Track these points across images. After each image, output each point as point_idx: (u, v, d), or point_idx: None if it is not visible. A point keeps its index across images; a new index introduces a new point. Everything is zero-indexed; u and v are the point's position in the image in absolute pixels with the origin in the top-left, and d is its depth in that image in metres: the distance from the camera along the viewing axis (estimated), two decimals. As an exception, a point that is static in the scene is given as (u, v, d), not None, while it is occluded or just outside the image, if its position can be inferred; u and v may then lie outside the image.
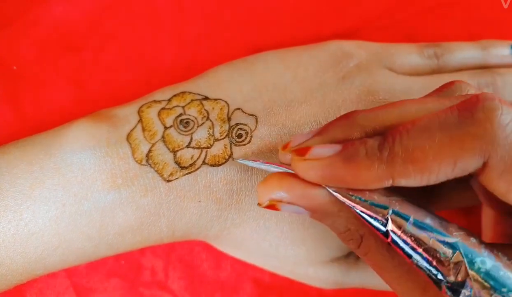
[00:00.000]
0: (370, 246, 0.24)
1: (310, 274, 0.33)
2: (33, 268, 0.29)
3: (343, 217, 0.24)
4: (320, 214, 0.25)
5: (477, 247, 0.21)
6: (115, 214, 0.29)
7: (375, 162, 0.22)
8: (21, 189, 0.28)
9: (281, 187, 0.25)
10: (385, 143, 0.22)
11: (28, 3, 0.36)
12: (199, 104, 0.31)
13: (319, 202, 0.24)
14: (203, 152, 0.30)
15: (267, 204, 0.25)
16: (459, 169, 0.22)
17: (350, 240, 0.25)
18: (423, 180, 0.22)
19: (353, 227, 0.24)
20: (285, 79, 0.32)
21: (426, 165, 0.22)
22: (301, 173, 0.24)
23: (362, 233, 0.24)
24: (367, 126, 0.24)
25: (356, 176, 0.23)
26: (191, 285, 0.36)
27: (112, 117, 0.30)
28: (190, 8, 0.38)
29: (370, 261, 0.25)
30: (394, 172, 0.22)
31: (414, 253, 0.22)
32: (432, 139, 0.22)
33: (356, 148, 0.23)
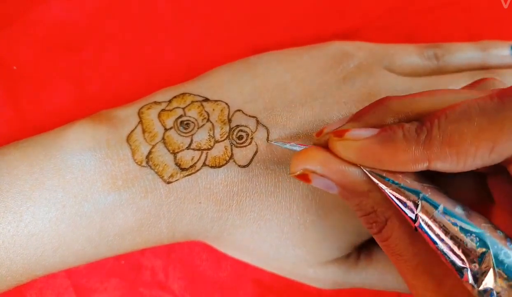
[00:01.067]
0: (393, 230, 0.24)
1: (310, 274, 0.33)
2: (33, 269, 0.29)
3: (372, 197, 0.24)
4: (349, 192, 0.25)
5: (503, 240, 0.21)
6: (115, 215, 0.29)
7: (412, 144, 0.22)
8: (21, 190, 0.28)
9: (318, 159, 0.25)
10: (423, 127, 0.23)
11: (28, 3, 0.36)
12: (200, 105, 0.31)
13: (352, 179, 0.24)
14: (204, 153, 0.30)
15: (300, 173, 0.25)
16: (496, 153, 0.21)
17: (373, 222, 0.25)
18: (459, 163, 0.22)
19: (380, 209, 0.24)
20: (286, 80, 0.32)
21: (463, 148, 0.21)
22: (339, 152, 0.24)
23: (387, 216, 0.24)
24: (401, 113, 0.24)
25: (392, 157, 0.23)
26: (191, 285, 0.36)
27: (112, 119, 0.30)
28: (190, 8, 0.38)
29: (389, 248, 0.25)
30: (431, 154, 0.22)
31: (440, 240, 0.22)
32: (471, 123, 0.22)
33: (394, 130, 0.23)
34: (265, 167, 0.30)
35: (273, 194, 0.30)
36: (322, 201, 0.31)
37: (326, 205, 0.31)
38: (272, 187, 0.30)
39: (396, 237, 0.24)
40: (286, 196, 0.30)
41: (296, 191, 0.30)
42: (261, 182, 0.30)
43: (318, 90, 0.32)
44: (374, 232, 0.25)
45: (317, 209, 0.31)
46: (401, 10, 0.41)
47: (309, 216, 0.31)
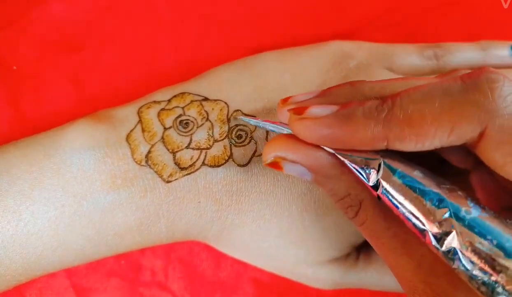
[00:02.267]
0: (368, 213, 0.24)
1: (310, 274, 0.33)
2: (33, 268, 0.29)
3: (344, 181, 0.24)
4: (321, 176, 0.25)
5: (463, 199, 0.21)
6: (114, 215, 0.29)
7: (372, 122, 0.22)
8: (20, 189, 0.28)
9: (287, 146, 0.25)
10: (383, 105, 0.22)
11: (28, 3, 0.36)
12: (199, 105, 0.31)
13: (321, 163, 0.24)
14: (203, 152, 0.30)
15: (271, 161, 0.26)
16: (455, 135, 0.21)
17: (348, 207, 0.25)
18: (418, 144, 0.22)
19: (353, 191, 0.24)
20: (285, 80, 0.32)
21: (422, 129, 0.21)
22: (298, 132, 0.24)
23: (361, 199, 0.24)
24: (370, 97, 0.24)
25: (351, 135, 0.23)
26: (191, 285, 0.36)
27: (112, 118, 0.30)
28: (190, 8, 0.38)
29: (367, 231, 0.25)
30: (390, 133, 0.22)
31: (401, 204, 0.22)
32: (432, 103, 0.21)
33: (354, 108, 0.23)
34: (263, 166, 0.30)
35: (272, 193, 0.30)
36: (321, 201, 0.31)
37: (325, 205, 0.31)
38: (271, 186, 0.30)
39: (372, 220, 0.24)
40: (285, 195, 0.30)
41: (294, 190, 0.31)
42: (260, 181, 0.30)
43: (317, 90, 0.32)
44: (350, 217, 0.25)
45: (316, 209, 0.31)
46: (401, 10, 0.41)
47: (308, 215, 0.31)
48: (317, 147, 0.24)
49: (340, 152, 0.24)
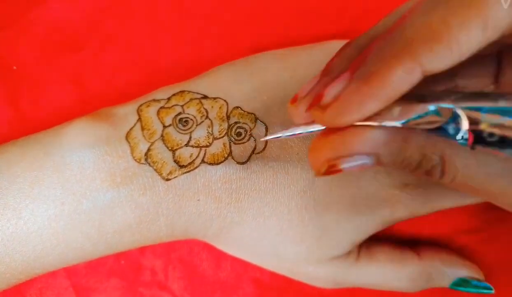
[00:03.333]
0: (456, 164, 0.21)
1: (310, 273, 0.33)
2: (32, 266, 0.29)
3: (412, 144, 0.21)
4: (387, 154, 0.21)
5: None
6: (114, 213, 0.29)
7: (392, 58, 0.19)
8: (20, 187, 0.28)
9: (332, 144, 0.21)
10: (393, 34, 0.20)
11: (28, 3, 0.36)
12: (198, 103, 0.31)
13: (380, 139, 0.21)
14: (202, 150, 0.30)
15: (325, 168, 0.22)
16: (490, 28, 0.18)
17: (431, 168, 0.22)
18: (454, 53, 0.19)
19: (428, 150, 0.21)
20: (285, 79, 0.32)
21: (451, 35, 0.18)
22: (333, 122, 0.21)
23: (440, 153, 0.21)
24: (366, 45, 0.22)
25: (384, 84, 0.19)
26: (191, 285, 0.36)
27: (111, 116, 0.30)
28: (190, 8, 0.38)
29: (461, 185, 0.22)
30: (419, 57, 0.19)
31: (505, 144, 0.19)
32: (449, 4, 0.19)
33: (364, 58, 0.20)
34: (263, 163, 0.30)
35: (272, 191, 0.30)
36: (321, 198, 0.31)
37: (324, 202, 0.31)
38: (270, 184, 0.30)
39: (464, 169, 0.21)
40: (284, 192, 0.30)
41: (294, 188, 0.30)
42: (260, 178, 0.30)
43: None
44: (438, 177, 0.22)
45: (316, 206, 0.31)
46: (401, 10, 0.41)
47: (307, 213, 0.31)
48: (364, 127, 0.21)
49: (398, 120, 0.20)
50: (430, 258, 0.34)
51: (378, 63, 0.20)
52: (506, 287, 0.36)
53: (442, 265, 0.34)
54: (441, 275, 0.34)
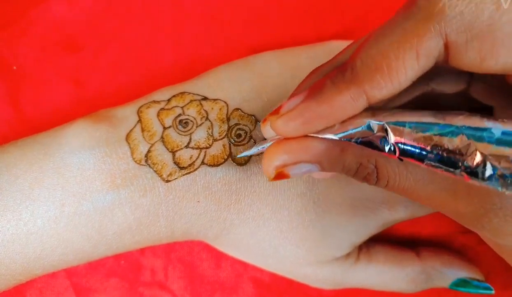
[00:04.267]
0: (388, 172, 0.24)
1: (310, 274, 0.33)
2: (32, 267, 0.29)
3: (349, 154, 0.24)
4: (327, 162, 0.24)
5: (479, 122, 0.21)
6: (114, 214, 0.29)
7: (342, 85, 0.22)
8: (20, 188, 0.28)
9: (279, 152, 0.24)
10: (346, 66, 0.22)
11: (28, 3, 0.36)
12: (198, 104, 0.31)
13: (320, 149, 0.24)
14: (202, 152, 0.30)
15: (274, 174, 0.25)
16: (423, 57, 0.21)
17: (366, 175, 0.24)
18: (394, 83, 0.21)
19: (363, 159, 0.24)
20: (285, 79, 0.32)
21: (390, 66, 0.21)
22: (282, 131, 0.24)
23: (374, 162, 0.24)
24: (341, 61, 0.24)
25: (331, 108, 0.22)
26: (191, 285, 0.36)
27: (112, 118, 0.30)
28: (190, 8, 0.38)
29: (395, 188, 0.24)
30: (363, 86, 0.21)
31: (424, 155, 0.21)
32: (388, 41, 0.21)
33: (321, 83, 0.23)
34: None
35: (272, 193, 0.30)
36: (321, 200, 0.31)
37: (324, 204, 0.31)
38: (270, 186, 0.30)
39: (394, 177, 0.24)
40: (284, 194, 0.31)
41: (294, 190, 0.31)
42: (260, 180, 0.30)
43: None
44: (373, 183, 0.25)
45: (315, 208, 0.31)
46: (401, 10, 0.41)
47: (307, 214, 0.31)
48: (308, 138, 0.24)
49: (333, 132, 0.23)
50: (429, 258, 0.34)
51: (331, 88, 0.22)
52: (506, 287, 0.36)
53: (441, 265, 0.34)
54: (440, 276, 0.34)
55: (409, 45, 0.21)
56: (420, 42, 0.21)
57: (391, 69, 0.21)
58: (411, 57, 0.21)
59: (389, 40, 0.21)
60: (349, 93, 0.22)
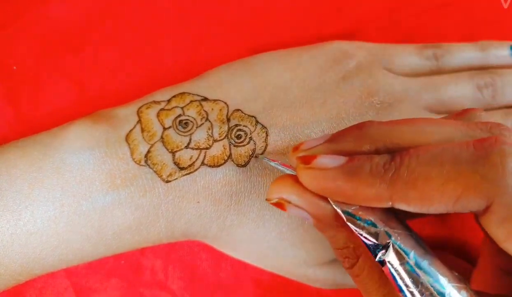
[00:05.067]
0: (364, 269, 0.24)
1: (309, 275, 0.33)
2: (32, 267, 0.29)
3: (344, 232, 0.24)
4: (323, 224, 0.25)
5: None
6: (113, 214, 0.29)
7: (377, 180, 0.22)
8: (20, 189, 0.28)
9: (292, 190, 0.25)
10: (391, 163, 0.22)
11: (28, 3, 0.36)
12: (198, 105, 0.31)
13: (324, 212, 0.24)
14: (202, 152, 0.30)
15: (275, 201, 0.25)
16: (460, 205, 0.21)
17: (346, 258, 0.25)
18: (423, 208, 0.22)
19: (352, 245, 0.24)
20: (285, 80, 0.32)
21: (427, 194, 0.21)
22: (304, 181, 0.24)
23: (359, 254, 0.24)
24: (379, 141, 0.24)
25: (356, 190, 0.22)
26: (191, 285, 0.36)
27: (111, 118, 0.30)
28: (190, 8, 0.38)
29: (359, 284, 0.25)
30: (395, 194, 0.22)
31: (406, 288, 0.22)
32: (440, 169, 0.21)
33: (361, 163, 0.23)
34: (263, 166, 0.30)
35: None
36: None
37: None
38: None
39: (366, 276, 0.24)
40: None
41: None
42: (259, 181, 0.30)
43: (317, 90, 0.32)
44: (346, 267, 0.25)
45: None
46: (401, 10, 0.41)
47: None
48: (321, 197, 0.24)
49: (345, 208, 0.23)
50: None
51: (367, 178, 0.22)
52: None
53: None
54: None
55: (454, 189, 0.21)
56: (466, 194, 0.21)
57: (427, 197, 0.21)
58: (450, 199, 0.21)
59: (440, 170, 0.21)
60: (379, 191, 0.22)
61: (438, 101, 0.35)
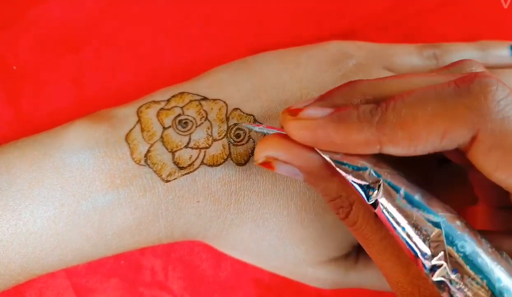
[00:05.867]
0: (359, 215, 0.24)
1: (309, 274, 0.33)
2: (32, 267, 0.29)
3: (335, 182, 0.25)
4: (313, 177, 0.25)
5: (460, 229, 0.21)
6: (113, 214, 0.29)
7: (365, 125, 0.22)
8: (20, 188, 0.28)
9: (279, 146, 0.25)
10: (378, 109, 0.23)
11: (28, 3, 0.36)
12: (198, 104, 0.31)
13: (313, 164, 0.24)
14: (202, 152, 0.30)
15: (262, 160, 0.26)
16: (447, 139, 0.22)
17: (340, 208, 0.25)
18: (411, 147, 0.22)
19: (344, 193, 0.24)
20: (284, 79, 0.32)
21: (415, 132, 0.22)
22: (292, 131, 0.24)
23: (352, 201, 0.24)
24: (368, 94, 0.24)
25: (345, 138, 0.23)
26: (191, 285, 0.36)
27: (111, 118, 0.30)
28: (190, 8, 0.38)
29: (356, 232, 0.25)
30: (383, 136, 0.22)
31: (399, 226, 0.22)
32: (425, 107, 0.22)
33: (349, 111, 0.23)
34: None
35: (271, 192, 0.30)
36: (320, 200, 0.31)
37: (324, 204, 0.31)
38: (269, 185, 0.30)
39: (362, 222, 0.24)
40: (283, 194, 0.30)
41: (293, 189, 0.30)
42: (259, 180, 0.30)
43: (316, 89, 0.32)
44: (341, 217, 0.25)
45: (315, 208, 0.31)
46: (401, 10, 0.41)
47: (307, 214, 0.31)
48: (309, 148, 0.24)
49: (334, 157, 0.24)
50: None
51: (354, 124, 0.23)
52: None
53: None
54: None
55: (440, 124, 0.21)
56: (451, 126, 0.21)
57: (414, 136, 0.22)
58: (437, 134, 0.22)
59: (425, 108, 0.22)
60: (368, 135, 0.22)
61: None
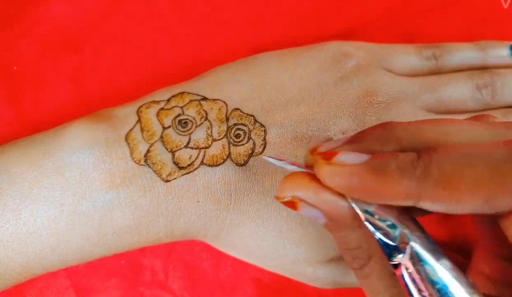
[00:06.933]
0: (375, 270, 0.23)
1: (309, 273, 0.33)
2: (32, 267, 0.29)
3: (359, 233, 0.23)
4: (336, 224, 0.23)
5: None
6: (113, 214, 0.29)
7: (406, 177, 0.21)
8: (19, 188, 0.28)
9: (309, 188, 0.23)
10: (419, 161, 0.21)
11: (28, 3, 0.36)
12: (198, 104, 0.31)
13: (341, 211, 0.22)
14: (201, 152, 0.30)
15: (287, 200, 0.23)
16: (489, 205, 0.20)
17: (356, 258, 0.24)
18: (450, 207, 0.20)
19: (365, 245, 0.23)
20: (284, 79, 0.32)
21: (457, 193, 0.20)
22: (325, 177, 0.22)
23: (371, 254, 0.23)
24: (405, 140, 0.23)
25: (382, 188, 0.21)
26: (191, 285, 0.36)
27: (111, 118, 0.30)
28: (190, 8, 0.38)
29: (366, 284, 0.24)
30: (423, 192, 0.20)
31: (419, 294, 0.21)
32: (472, 169, 0.20)
33: (387, 160, 0.21)
34: (262, 165, 0.30)
35: (271, 192, 0.30)
36: None
37: None
38: (269, 185, 0.30)
39: (376, 277, 0.23)
40: None
41: None
42: (259, 180, 0.30)
43: (315, 90, 0.32)
44: (353, 267, 0.24)
45: None
46: (401, 10, 0.41)
47: None
48: (339, 195, 0.22)
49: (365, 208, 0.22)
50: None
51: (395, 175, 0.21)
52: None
53: None
54: None
55: (486, 189, 0.20)
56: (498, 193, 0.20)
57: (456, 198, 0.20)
58: (481, 199, 0.20)
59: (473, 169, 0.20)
60: (407, 188, 0.21)
61: (437, 101, 0.35)
